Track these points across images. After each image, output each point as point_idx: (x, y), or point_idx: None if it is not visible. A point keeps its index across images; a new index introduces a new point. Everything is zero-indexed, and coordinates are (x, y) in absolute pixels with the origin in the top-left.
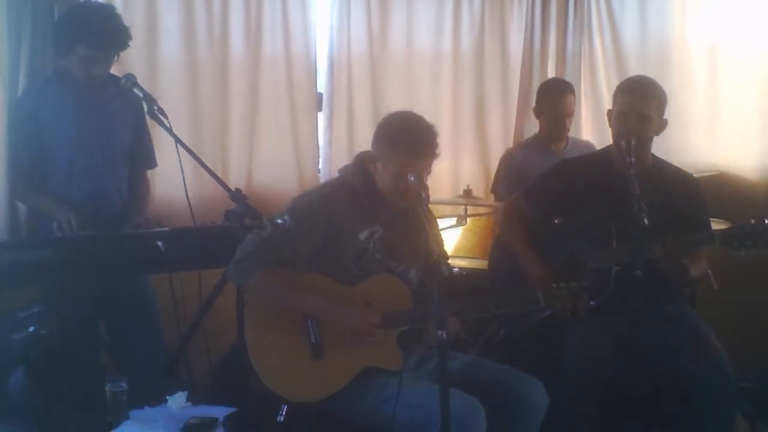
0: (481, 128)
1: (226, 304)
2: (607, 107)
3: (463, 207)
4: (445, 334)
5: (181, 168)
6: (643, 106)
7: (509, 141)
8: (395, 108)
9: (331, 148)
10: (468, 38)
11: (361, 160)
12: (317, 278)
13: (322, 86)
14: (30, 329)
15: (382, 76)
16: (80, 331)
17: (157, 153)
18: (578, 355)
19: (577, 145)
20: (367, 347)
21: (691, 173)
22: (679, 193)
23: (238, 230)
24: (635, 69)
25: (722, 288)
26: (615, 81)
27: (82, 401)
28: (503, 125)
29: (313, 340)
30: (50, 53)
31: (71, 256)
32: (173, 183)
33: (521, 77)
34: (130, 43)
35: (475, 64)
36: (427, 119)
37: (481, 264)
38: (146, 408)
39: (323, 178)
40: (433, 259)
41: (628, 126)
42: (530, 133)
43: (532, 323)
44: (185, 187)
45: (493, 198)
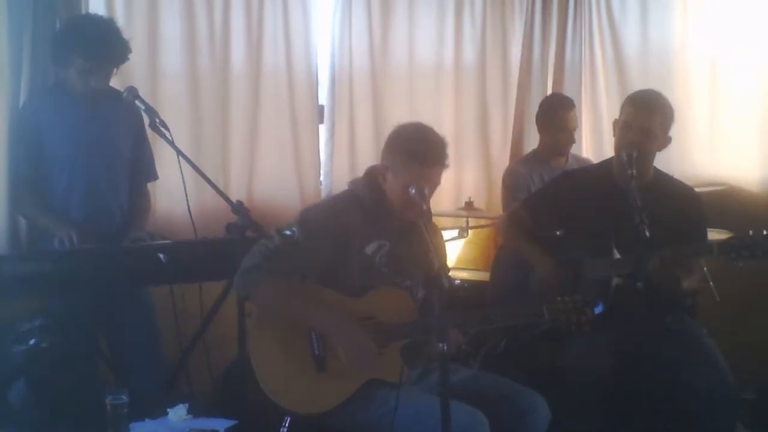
0: (483, 140)
1: (227, 317)
2: (606, 119)
3: (465, 219)
4: (446, 347)
5: (183, 180)
6: (647, 121)
7: (510, 153)
8: (397, 120)
9: (332, 160)
10: (469, 50)
11: (371, 172)
12: (322, 290)
13: (323, 98)
14: (31, 342)
15: (383, 88)
16: (81, 343)
17: (159, 165)
18: (579, 367)
19: (577, 161)
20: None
21: (691, 187)
22: (680, 206)
23: (239, 243)
24: (636, 81)
25: (724, 299)
26: (615, 93)
27: (83, 414)
28: (504, 137)
29: (316, 353)
30: (51, 65)
31: (72, 269)
32: (174, 195)
33: (519, 89)
34: (131, 55)
35: (477, 76)
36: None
37: (483, 276)
38: (147, 420)
39: (324, 191)
40: (433, 271)
41: (630, 138)
42: (528, 145)
43: (534, 335)
44: (187, 200)
45: (498, 208)
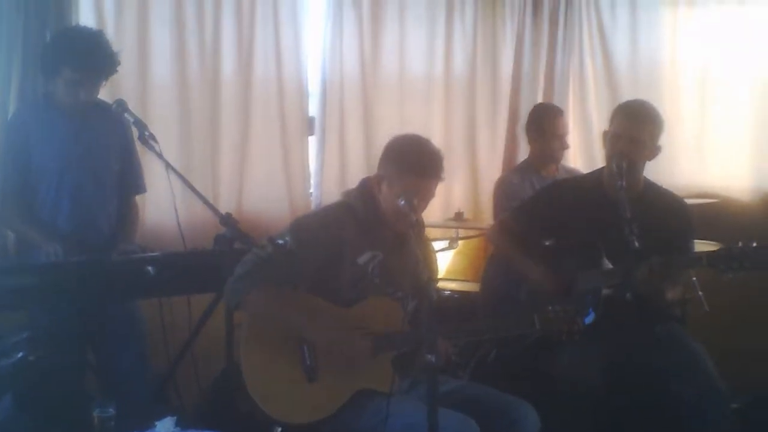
0: (473, 151)
1: (215, 329)
2: (596, 129)
3: (455, 230)
4: (435, 358)
5: (172, 193)
6: (637, 131)
7: (500, 164)
8: (387, 131)
9: (322, 172)
10: (459, 61)
11: (366, 183)
12: (313, 299)
13: (313, 110)
14: (18, 355)
15: (374, 99)
16: (68, 356)
17: (147, 177)
18: (569, 377)
19: (567, 171)
20: (361, 369)
21: (680, 197)
22: (669, 216)
23: (228, 255)
24: (626, 91)
25: (714, 309)
26: (605, 103)
27: (70, 427)
28: (494, 148)
29: (308, 363)
30: (41, 77)
31: (60, 282)
32: (163, 207)
33: (510, 99)
34: (121, 66)
35: (467, 86)
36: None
37: (473, 287)
38: None
39: (314, 203)
40: (421, 282)
41: (620, 148)
42: (521, 156)
43: (525, 345)
44: (176, 212)
45: (488, 219)
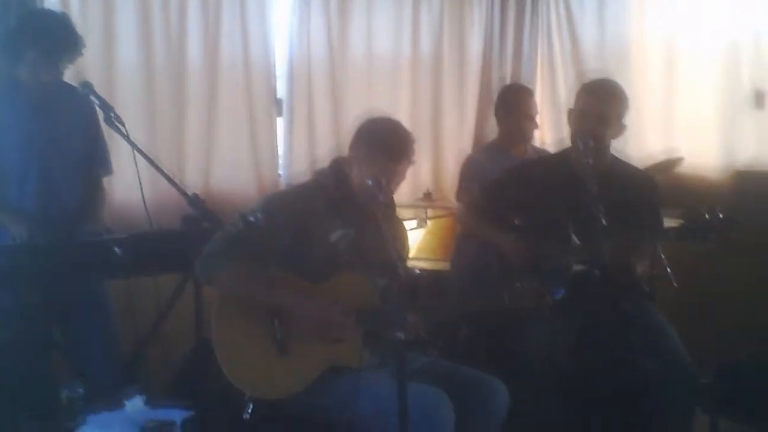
0: (441, 131)
1: (183, 309)
2: (565, 109)
3: (424, 209)
4: (403, 336)
5: (138, 174)
6: (604, 108)
7: (468, 143)
8: (355, 112)
9: (291, 152)
10: (427, 42)
11: (337, 162)
12: (284, 276)
13: (281, 91)
14: None
15: (341, 80)
16: (35, 337)
17: (114, 158)
18: (538, 353)
19: (536, 151)
20: (331, 346)
21: (648, 173)
22: (636, 192)
23: (195, 235)
24: (593, 69)
25: (682, 284)
26: (573, 82)
27: (39, 407)
28: (462, 128)
29: (278, 338)
30: (4, 60)
31: (27, 264)
32: (130, 188)
33: (481, 79)
34: (86, 50)
35: (435, 67)
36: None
37: (443, 266)
38: (103, 412)
39: (283, 183)
40: (390, 261)
41: (586, 126)
42: (489, 136)
43: (493, 322)
44: (142, 193)
45: (456, 202)
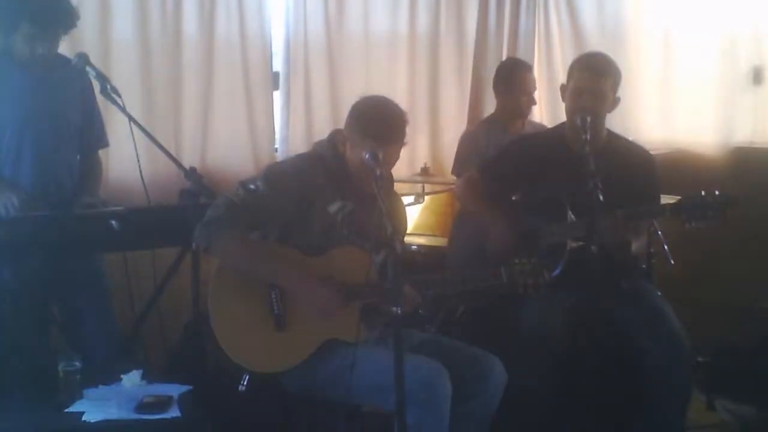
0: (438, 107)
1: (181, 284)
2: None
3: (421, 185)
4: (400, 310)
5: (135, 147)
6: (599, 83)
7: (465, 119)
8: (352, 87)
9: (288, 127)
10: (424, 18)
11: (334, 138)
12: (282, 247)
13: (278, 66)
14: None
15: (338, 56)
16: (32, 310)
17: (110, 132)
18: (535, 330)
19: (533, 127)
20: (329, 320)
21: (645, 148)
22: (633, 168)
23: (192, 209)
24: (591, 46)
25: (679, 262)
26: (570, 59)
27: (36, 381)
28: (459, 104)
29: (276, 311)
30: None
31: (23, 236)
32: (126, 162)
33: (475, 56)
34: (82, 22)
35: (431, 43)
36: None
37: (441, 242)
38: (100, 386)
39: (280, 158)
40: (386, 236)
41: (582, 103)
42: (486, 111)
43: (491, 298)
44: (139, 166)
45: (453, 177)
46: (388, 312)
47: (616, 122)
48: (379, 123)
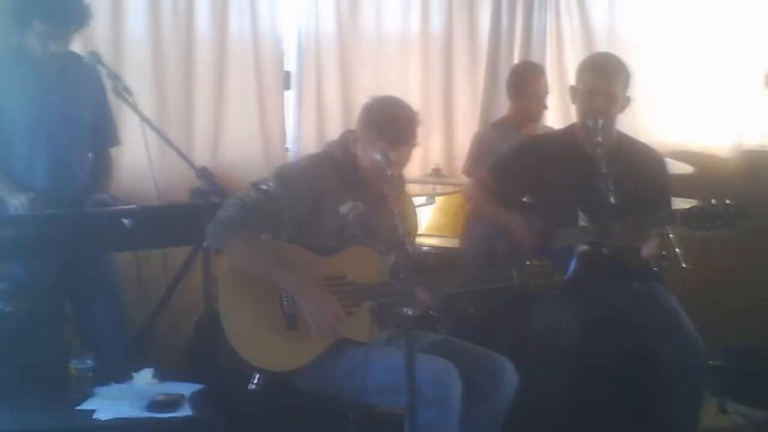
0: (450, 108)
1: (192, 283)
2: None
3: (432, 186)
4: (411, 311)
5: (146, 146)
6: (611, 85)
7: (476, 120)
8: (364, 87)
9: (300, 127)
10: (437, 18)
11: (346, 138)
12: (293, 248)
13: (289, 66)
14: None
15: (350, 56)
16: (45, 308)
17: (122, 131)
18: (546, 332)
19: (545, 130)
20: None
21: (655, 149)
22: (644, 170)
23: (204, 208)
24: (602, 48)
25: (692, 265)
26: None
27: (48, 378)
28: (471, 105)
29: (286, 311)
30: (11, 30)
31: (36, 234)
32: (138, 161)
33: (488, 57)
34: (95, 21)
35: (444, 43)
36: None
37: (452, 242)
38: (112, 385)
39: (291, 157)
40: (397, 236)
41: (595, 105)
42: (497, 113)
43: (502, 300)
44: (151, 165)
45: (463, 177)
46: (400, 312)
47: (627, 124)
48: (390, 124)
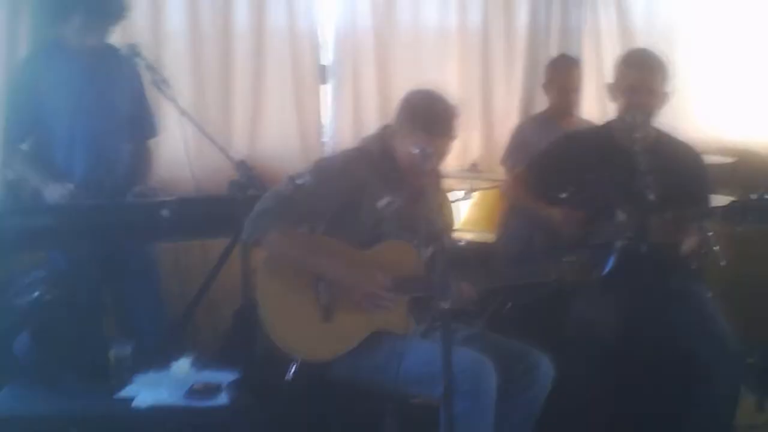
0: (488, 103)
1: (230, 273)
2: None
3: (470, 181)
4: (447, 305)
5: (185, 138)
6: (650, 81)
7: (514, 116)
8: (401, 81)
9: (336, 121)
10: (474, 12)
11: (383, 133)
12: (330, 241)
13: (327, 59)
14: (35, 294)
15: (387, 50)
16: (85, 296)
17: (160, 123)
18: (583, 328)
19: (584, 124)
20: (376, 311)
21: (693, 146)
22: (683, 166)
23: (242, 201)
24: (640, 43)
25: (730, 263)
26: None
27: (88, 366)
28: (509, 100)
29: (324, 302)
30: (51, 22)
31: (76, 224)
32: (176, 153)
33: (527, 52)
34: (134, 14)
35: (481, 38)
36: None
37: (489, 237)
38: (150, 373)
39: (328, 151)
40: (436, 230)
41: (636, 101)
42: (536, 109)
43: (539, 296)
44: (188, 157)
45: (503, 170)
46: (437, 306)
47: (666, 120)
48: (428, 114)
